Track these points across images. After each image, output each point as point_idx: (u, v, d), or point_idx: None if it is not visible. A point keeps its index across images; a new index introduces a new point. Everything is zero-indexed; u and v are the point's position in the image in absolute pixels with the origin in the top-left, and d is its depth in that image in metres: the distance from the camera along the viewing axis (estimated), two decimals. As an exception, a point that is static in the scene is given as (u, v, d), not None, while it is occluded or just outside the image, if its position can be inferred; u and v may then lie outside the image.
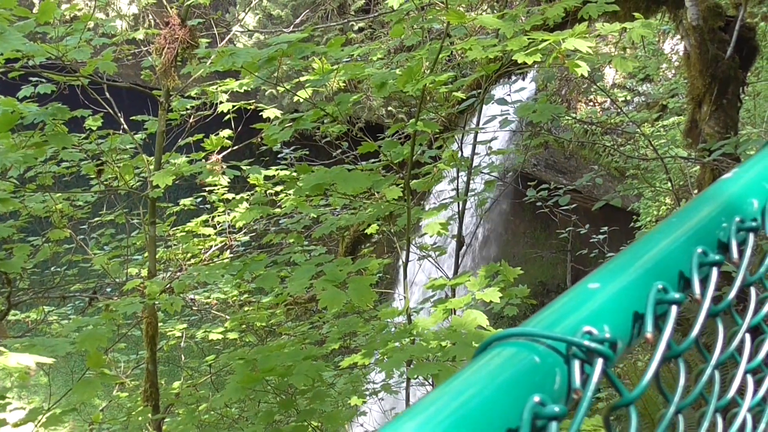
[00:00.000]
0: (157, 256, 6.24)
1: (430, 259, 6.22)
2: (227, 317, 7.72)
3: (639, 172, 12.69)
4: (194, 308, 7.72)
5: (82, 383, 4.39)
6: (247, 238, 7.88)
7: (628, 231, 13.35)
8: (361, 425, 6.71)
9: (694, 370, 0.95)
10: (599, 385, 0.79)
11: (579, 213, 10.71)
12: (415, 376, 4.74)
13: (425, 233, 6.04)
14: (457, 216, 6.20)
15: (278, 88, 5.24)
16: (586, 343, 0.80)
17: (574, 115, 15.08)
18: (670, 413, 0.90)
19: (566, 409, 0.73)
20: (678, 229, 1.06)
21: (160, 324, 6.81)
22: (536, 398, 0.74)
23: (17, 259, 5.67)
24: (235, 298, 7.90)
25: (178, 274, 6.61)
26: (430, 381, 5.67)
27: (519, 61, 4.26)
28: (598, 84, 12.60)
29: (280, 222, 7.95)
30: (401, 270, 11.89)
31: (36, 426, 4.90)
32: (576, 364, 0.80)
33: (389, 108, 17.74)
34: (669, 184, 10.87)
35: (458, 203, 6.11)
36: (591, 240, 10.95)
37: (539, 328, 0.83)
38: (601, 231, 10.86)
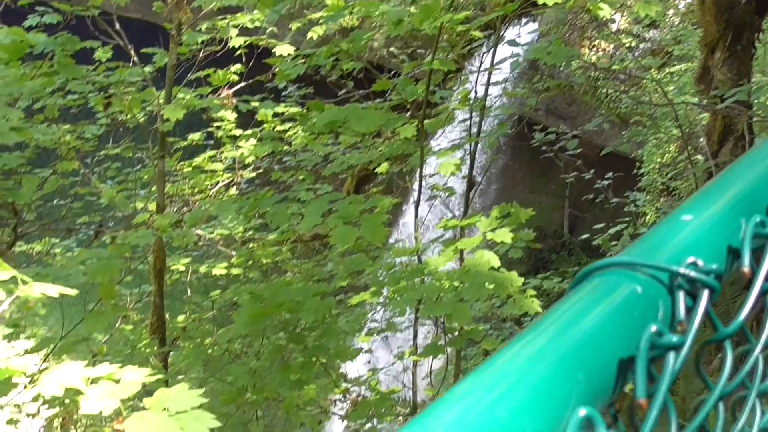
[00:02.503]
0: (164, 191, 6.20)
1: (439, 198, 6.20)
2: (232, 253, 7.71)
3: (644, 119, 12.61)
4: (200, 243, 7.70)
5: (94, 314, 4.39)
6: (253, 174, 7.84)
7: (630, 178, 13.30)
8: (368, 363, 6.75)
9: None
10: (704, 317, 0.78)
11: (579, 159, 10.71)
12: (427, 316, 4.75)
13: (436, 173, 6.00)
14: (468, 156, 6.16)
15: (291, 25, 5.18)
16: (693, 274, 0.78)
17: (582, 59, 14.92)
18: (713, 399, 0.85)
19: (684, 340, 0.71)
20: (761, 162, 1.04)
21: (163, 258, 6.80)
22: (653, 328, 0.72)
23: (26, 189, 5.63)
24: (239, 234, 7.89)
25: (185, 209, 6.60)
26: (437, 320, 5.69)
27: (539, 2, 4.20)
28: (607, 28, 12.47)
29: (284, 160, 7.90)
30: (402, 210, 11.89)
31: (46, 355, 4.92)
32: (680, 296, 0.78)
33: (391, 48, 17.56)
34: (675, 131, 10.83)
35: (470, 144, 6.07)
36: (595, 186, 10.91)
37: (638, 258, 0.81)
38: (606, 177, 10.82)
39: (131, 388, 2.51)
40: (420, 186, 5.51)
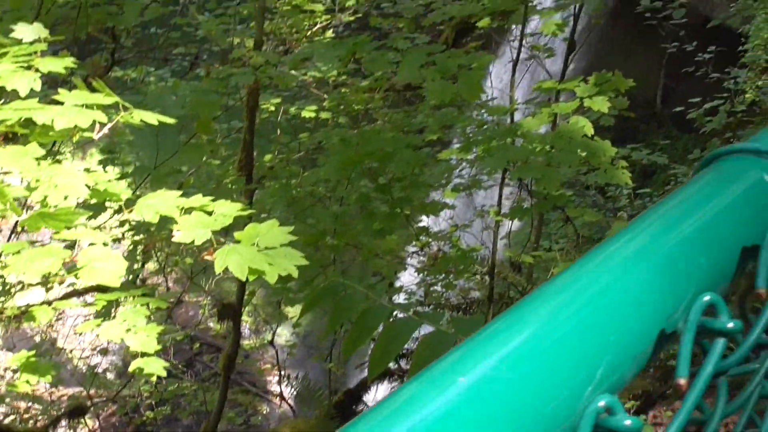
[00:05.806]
0: (263, 27, 6.16)
1: (536, 60, 6.08)
2: (324, 96, 7.70)
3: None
4: (293, 84, 7.70)
5: (190, 146, 4.47)
6: (352, 18, 7.74)
7: (733, 54, 12.79)
8: (450, 219, 6.79)
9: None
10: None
11: (682, 29, 10.38)
12: (516, 178, 4.72)
13: (535, 33, 5.86)
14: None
15: None
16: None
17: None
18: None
19: None
20: None
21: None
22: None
23: (127, 15, 5.66)
24: (332, 77, 7.83)
25: (281, 48, 6.57)
26: (521, 182, 5.66)
27: None
28: None
29: (382, 6, 7.78)
30: (494, 67, 11.70)
31: (140, 184, 5.05)
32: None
33: None
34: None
35: (574, 5, 5.88)
36: (695, 59, 10.57)
37: (762, 144, 0.78)
38: (708, 50, 10.49)
39: (223, 220, 2.57)
40: (520, 45, 5.40)
